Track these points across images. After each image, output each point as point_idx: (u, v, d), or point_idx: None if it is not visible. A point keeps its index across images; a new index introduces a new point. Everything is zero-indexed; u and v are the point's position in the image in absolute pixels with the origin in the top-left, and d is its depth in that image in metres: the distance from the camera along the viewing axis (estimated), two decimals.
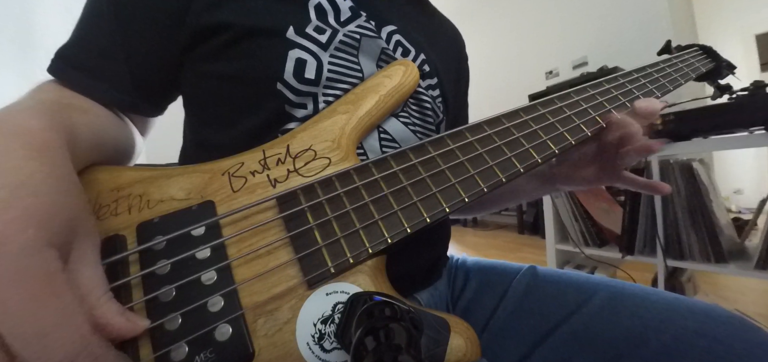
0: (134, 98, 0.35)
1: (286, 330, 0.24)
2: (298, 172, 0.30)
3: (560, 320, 0.38)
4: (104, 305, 0.20)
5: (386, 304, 0.21)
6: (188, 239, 0.25)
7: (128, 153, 0.37)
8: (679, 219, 1.09)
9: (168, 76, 0.36)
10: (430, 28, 0.49)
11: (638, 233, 1.19)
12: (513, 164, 0.33)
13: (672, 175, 1.10)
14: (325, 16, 0.37)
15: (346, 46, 0.36)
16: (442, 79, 0.44)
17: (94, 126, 0.30)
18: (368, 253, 0.27)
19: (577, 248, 1.38)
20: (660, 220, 1.12)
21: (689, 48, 0.67)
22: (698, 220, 1.06)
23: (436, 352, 0.25)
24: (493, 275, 0.47)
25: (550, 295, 0.41)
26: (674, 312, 0.33)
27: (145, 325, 0.21)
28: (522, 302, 0.42)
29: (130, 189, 0.27)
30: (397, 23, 0.42)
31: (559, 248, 1.47)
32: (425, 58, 0.42)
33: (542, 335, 0.38)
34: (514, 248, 2.53)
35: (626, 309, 0.35)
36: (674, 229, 1.10)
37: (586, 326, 0.36)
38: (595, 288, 0.39)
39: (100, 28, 0.34)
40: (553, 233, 1.47)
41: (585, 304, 0.38)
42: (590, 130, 0.38)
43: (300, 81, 0.34)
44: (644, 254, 1.19)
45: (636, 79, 0.48)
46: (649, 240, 1.18)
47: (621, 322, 0.35)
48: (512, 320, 0.41)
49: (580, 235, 1.38)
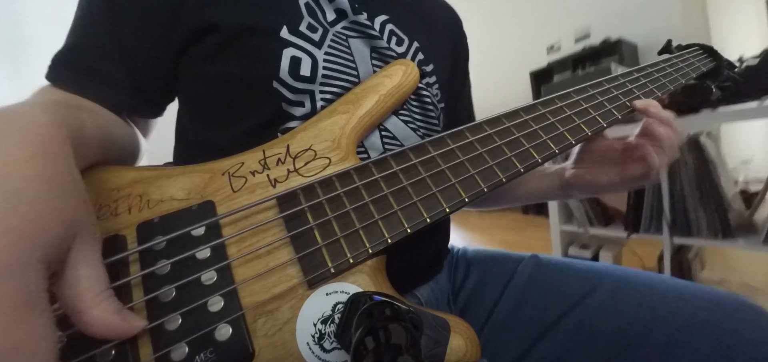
0: (134, 100, 0.35)
1: (286, 330, 0.24)
2: (298, 172, 0.30)
3: (565, 311, 0.37)
4: (101, 303, 0.20)
5: (386, 304, 0.21)
6: (188, 239, 0.25)
7: (135, 155, 0.37)
8: (686, 195, 1.05)
9: (165, 77, 0.36)
10: (422, 12, 0.48)
11: (644, 211, 1.16)
12: (513, 164, 0.33)
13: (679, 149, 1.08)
14: (315, 14, 0.37)
15: (338, 44, 0.36)
16: (438, 64, 0.44)
17: (104, 126, 0.30)
18: (368, 253, 0.27)
19: (581, 227, 1.35)
20: (666, 196, 1.08)
21: (690, 47, 0.67)
22: (706, 195, 1.02)
23: (436, 352, 0.25)
24: (494, 265, 0.46)
25: (554, 285, 0.40)
26: (682, 301, 0.33)
27: (141, 326, 0.21)
28: (525, 293, 0.41)
29: (130, 189, 0.27)
30: (388, 12, 0.41)
31: (564, 228, 1.45)
32: (419, 45, 0.42)
33: (546, 326, 0.38)
34: (519, 228, 2.49)
35: (632, 299, 0.35)
36: (681, 205, 1.06)
37: (591, 317, 0.36)
38: (600, 277, 0.38)
39: (95, 30, 0.34)
40: (558, 214, 1.45)
41: (590, 294, 0.37)
42: (591, 129, 0.38)
43: (296, 79, 0.34)
44: (650, 232, 1.15)
45: (636, 78, 0.48)
46: (655, 217, 1.14)
47: (627, 312, 0.34)
48: (515, 311, 0.41)
49: (585, 214, 1.36)
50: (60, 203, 0.19)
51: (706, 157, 1.02)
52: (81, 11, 0.35)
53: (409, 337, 0.19)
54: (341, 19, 0.38)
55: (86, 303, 0.19)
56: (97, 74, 0.33)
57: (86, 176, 0.27)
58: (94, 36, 0.34)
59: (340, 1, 0.38)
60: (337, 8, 0.38)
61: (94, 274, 0.20)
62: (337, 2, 0.38)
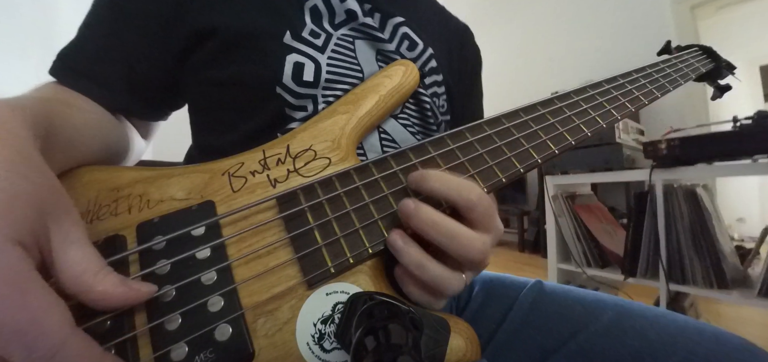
0: (126, 101, 0.36)
1: (286, 330, 0.24)
2: (298, 172, 0.30)
3: (566, 337, 0.37)
4: (104, 279, 0.20)
5: (386, 304, 0.21)
6: (188, 239, 0.25)
7: (122, 154, 0.37)
8: (682, 244, 1.08)
9: (165, 81, 0.37)
10: (442, 21, 0.48)
11: (641, 256, 1.19)
12: (513, 164, 0.33)
13: (676, 199, 1.10)
14: (320, 19, 0.37)
15: (342, 48, 0.36)
16: (451, 76, 0.44)
17: (76, 121, 0.29)
18: (368, 253, 0.27)
19: (579, 268, 1.37)
20: (663, 244, 1.11)
21: (689, 48, 0.67)
22: (701, 245, 1.05)
23: (436, 352, 0.25)
24: (499, 288, 0.46)
25: (557, 311, 0.40)
26: (683, 335, 0.33)
27: (150, 291, 0.21)
28: (528, 317, 0.41)
29: (129, 189, 0.27)
30: (405, 15, 0.41)
31: (561, 267, 1.46)
32: (433, 52, 0.42)
33: (548, 351, 0.38)
34: (516, 267, 2.51)
35: (634, 330, 0.35)
36: (677, 253, 1.10)
37: (592, 344, 0.36)
38: (603, 306, 0.38)
39: (98, 32, 0.35)
40: (556, 252, 1.46)
41: (592, 322, 0.37)
42: (590, 130, 0.38)
43: (299, 84, 0.34)
44: (646, 277, 1.18)
45: (636, 79, 0.48)
46: (651, 263, 1.17)
47: (628, 342, 0.34)
48: (517, 335, 0.41)
49: (583, 255, 1.38)
50: (23, 183, 0.18)
51: (701, 207, 1.05)
52: (88, 15, 0.36)
53: (409, 337, 0.19)
54: (349, 22, 0.38)
55: (89, 283, 0.19)
56: (94, 74, 0.34)
57: (84, 177, 0.27)
58: (96, 37, 0.35)
59: (350, 3, 0.38)
60: (348, 10, 0.38)
61: (86, 254, 0.20)
62: (348, 3, 0.38)
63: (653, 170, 1.13)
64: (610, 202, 2.32)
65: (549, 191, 1.44)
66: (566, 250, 1.45)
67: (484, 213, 0.27)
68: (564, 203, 1.42)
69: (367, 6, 0.39)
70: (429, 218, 0.25)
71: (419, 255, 0.25)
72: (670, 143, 1.09)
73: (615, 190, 2.43)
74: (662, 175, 1.12)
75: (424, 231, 0.25)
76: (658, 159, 1.13)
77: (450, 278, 0.26)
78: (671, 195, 1.11)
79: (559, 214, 1.43)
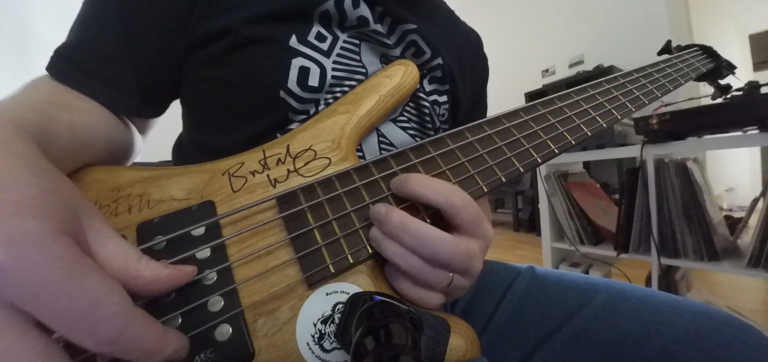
0: (139, 102, 0.35)
1: (286, 330, 0.24)
2: (298, 172, 0.30)
3: (560, 322, 0.38)
4: (148, 263, 0.20)
5: (386, 304, 0.21)
6: (188, 239, 0.25)
7: (127, 153, 0.37)
8: (674, 218, 1.09)
9: (171, 79, 0.36)
10: (451, 29, 0.48)
11: (633, 232, 1.20)
12: (513, 164, 0.33)
13: (667, 173, 1.10)
14: (329, 22, 0.37)
15: (347, 52, 0.36)
16: (457, 84, 0.43)
17: (78, 125, 0.28)
18: (368, 253, 0.27)
19: (572, 246, 1.38)
20: (655, 218, 1.12)
21: (689, 48, 0.67)
22: (692, 218, 1.06)
23: (436, 352, 0.25)
24: (491, 275, 0.46)
25: (550, 297, 0.40)
26: (675, 314, 0.33)
27: (192, 271, 0.22)
28: (521, 303, 0.41)
29: (130, 189, 0.27)
30: (417, 22, 0.41)
31: (555, 246, 1.48)
32: (441, 62, 0.41)
33: (542, 337, 0.38)
34: (511, 246, 2.54)
35: (627, 311, 0.35)
36: (668, 227, 1.11)
37: (586, 328, 0.36)
38: (595, 289, 0.39)
39: (105, 30, 0.33)
40: (549, 232, 1.48)
41: (585, 306, 0.37)
42: (590, 129, 0.38)
43: (304, 89, 0.34)
44: (639, 253, 1.20)
45: (636, 79, 0.48)
46: (643, 238, 1.18)
47: (621, 324, 0.35)
48: (512, 322, 0.41)
49: (576, 233, 1.40)
50: (46, 183, 0.18)
51: (692, 181, 1.06)
52: (91, 9, 0.34)
53: (409, 337, 0.19)
54: (359, 27, 0.38)
55: (136, 268, 0.20)
56: (106, 77, 0.33)
57: (84, 177, 0.27)
58: (104, 35, 0.33)
59: (362, 10, 0.37)
60: (360, 16, 0.37)
61: (122, 245, 0.21)
62: (360, 10, 0.37)
63: (644, 146, 1.13)
64: (604, 179, 2.34)
65: (541, 171, 1.45)
66: (560, 229, 1.46)
67: (469, 217, 0.26)
68: (557, 182, 1.43)
69: (378, 9, 0.39)
70: (399, 222, 0.25)
71: (396, 245, 0.26)
72: (661, 118, 1.09)
73: (607, 167, 2.45)
74: (653, 150, 1.12)
75: (395, 235, 0.25)
76: (649, 134, 1.12)
77: (432, 272, 0.26)
78: (662, 170, 1.11)
79: (551, 194, 1.44)
